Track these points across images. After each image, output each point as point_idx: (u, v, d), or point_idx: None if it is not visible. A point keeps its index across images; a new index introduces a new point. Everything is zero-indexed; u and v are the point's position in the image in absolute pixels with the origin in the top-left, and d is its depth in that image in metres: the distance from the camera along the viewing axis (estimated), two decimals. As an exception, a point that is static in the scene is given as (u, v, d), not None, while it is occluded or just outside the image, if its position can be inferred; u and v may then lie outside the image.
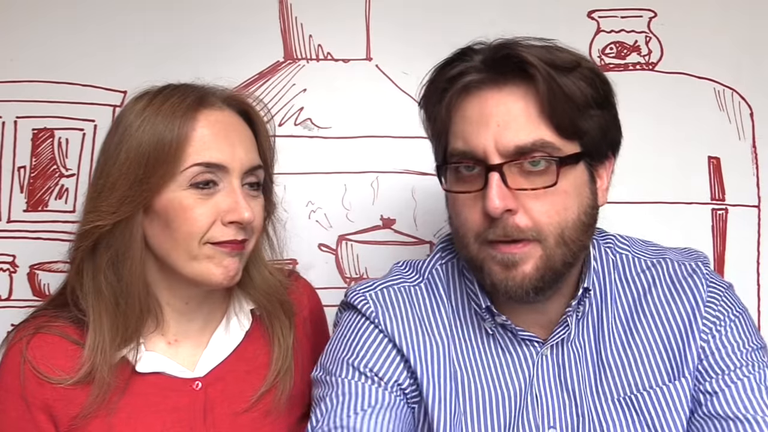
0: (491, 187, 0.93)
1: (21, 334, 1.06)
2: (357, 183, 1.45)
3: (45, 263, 1.42)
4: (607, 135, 1.01)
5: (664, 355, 1.03)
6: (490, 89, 0.97)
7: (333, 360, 1.05)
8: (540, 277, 0.97)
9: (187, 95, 1.06)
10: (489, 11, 1.45)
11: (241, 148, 1.06)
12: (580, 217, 0.98)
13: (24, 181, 1.43)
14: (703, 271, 1.07)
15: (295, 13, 1.45)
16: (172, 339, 1.12)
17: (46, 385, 1.03)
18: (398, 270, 1.13)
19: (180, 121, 1.03)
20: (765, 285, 1.44)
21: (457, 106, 0.99)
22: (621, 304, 1.07)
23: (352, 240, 1.45)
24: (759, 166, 1.44)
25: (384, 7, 1.45)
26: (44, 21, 1.44)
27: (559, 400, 1.03)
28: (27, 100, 1.44)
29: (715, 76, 1.45)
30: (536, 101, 0.95)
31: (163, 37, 1.44)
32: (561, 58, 0.96)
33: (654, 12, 1.45)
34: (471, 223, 0.98)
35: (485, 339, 1.05)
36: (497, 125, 0.95)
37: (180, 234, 1.03)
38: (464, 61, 0.99)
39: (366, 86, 1.45)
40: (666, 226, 1.44)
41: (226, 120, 1.07)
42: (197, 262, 1.05)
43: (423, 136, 1.44)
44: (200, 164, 1.03)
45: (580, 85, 0.96)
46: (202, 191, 1.04)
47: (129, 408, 1.06)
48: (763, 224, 1.45)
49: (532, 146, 0.94)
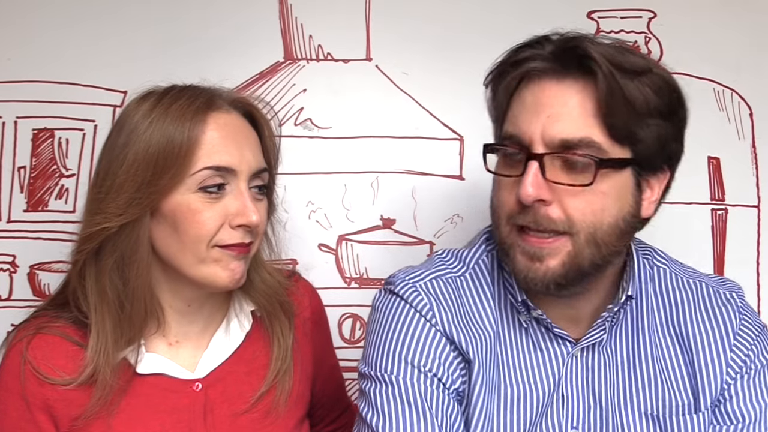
0: (527, 175, 0.93)
1: (21, 335, 1.06)
2: (357, 183, 1.45)
3: (45, 263, 1.42)
4: (666, 147, 0.98)
5: (691, 381, 1.03)
6: (550, 79, 0.96)
7: (386, 355, 1.01)
8: (564, 273, 0.96)
9: (196, 97, 1.05)
10: (489, 11, 1.45)
11: (248, 151, 1.06)
12: (617, 221, 0.97)
13: (24, 181, 1.43)
14: (738, 304, 1.08)
15: (295, 13, 1.46)
16: (173, 340, 1.11)
17: (46, 385, 1.03)
18: (440, 259, 1.09)
19: (190, 124, 1.02)
20: (765, 285, 1.44)
21: (516, 90, 0.99)
22: (656, 317, 1.06)
23: (352, 240, 1.45)
24: (759, 166, 1.45)
25: (384, 7, 1.45)
26: (44, 21, 1.44)
27: (584, 403, 1.02)
28: (27, 100, 1.43)
29: (715, 76, 1.45)
30: (593, 99, 0.93)
31: (163, 37, 1.44)
32: (630, 61, 0.94)
33: (654, 12, 1.45)
34: (505, 205, 0.98)
35: (519, 333, 1.04)
36: (548, 116, 0.94)
37: (188, 237, 1.03)
38: (535, 48, 0.99)
39: (366, 86, 1.45)
40: (666, 226, 1.43)
41: (233, 123, 1.07)
42: (204, 265, 1.04)
43: (423, 136, 1.45)
44: (210, 168, 1.02)
45: (645, 91, 0.93)
46: (210, 195, 1.03)
47: (129, 409, 1.06)
48: (762, 224, 1.45)
49: (578, 143, 0.93)
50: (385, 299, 1.06)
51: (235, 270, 1.06)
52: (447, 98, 1.45)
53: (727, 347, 1.04)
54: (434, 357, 1.00)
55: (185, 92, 1.06)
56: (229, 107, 1.08)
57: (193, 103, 1.04)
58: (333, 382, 1.30)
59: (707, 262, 1.44)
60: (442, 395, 0.98)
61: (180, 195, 1.02)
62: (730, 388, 1.03)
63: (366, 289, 1.44)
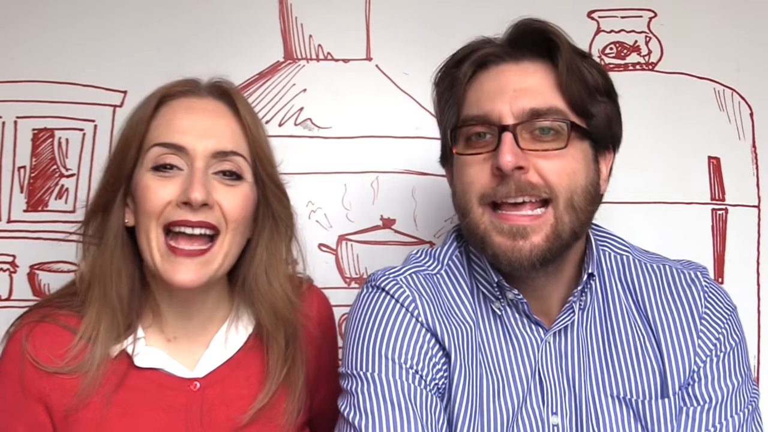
0: (504, 144, 0.96)
1: (24, 322, 1.07)
2: (357, 183, 1.45)
3: (45, 263, 1.42)
4: (611, 126, 1.05)
5: (659, 365, 1.03)
6: (508, 63, 1.02)
7: (366, 353, 1.01)
8: (548, 248, 0.98)
9: (172, 85, 1.08)
10: (489, 11, 1.45)
11: (211, 132, 1.05)
12: (587, 186, 1.00)
13: (24, 181, 1.43)
14: (702, 283, 1.08)
15: (295, 13, 1.46)
16: (171, 336, 1.11)
17: (42, 374, 1.04)
18: (416, 258, 1.11)
19: (149, 105, 1.06)
20: (765, 285, 1.44)
21: (473, 79, 1.03)
22: (623, 303, 1.07)
23: (352, 240, 1.45)
24: (759, 166, 1.45)
25: (384, 7, 1.45)
26: (44, 21, 1.44)
27: (560, 388, 1.03)
28: (27, 100, 1.44)
29: (715, 76, 1.45)
30: (553, 76, 1.00)
31: (164, 38, 1.44)
32: (575, 46, 1.02)
33: (654, 12, 1.45)
34: (477, 184, 1.00)
35: (494, 322, 1.05)
36: (513, 91, 0.99)
37: (142, 217, 1.04)
38: (481, 42, 1.05)
39: (366, 86, 1.45)
40: (666, 226, 1.44)
41: (201, 106, 1.08)
42: (155, 256, 1.04)
43: (423, 136, 1.45)
44: (159, 144, 1.04)
45: (592, 71, 1.02)
46: (162, 173, 1.04)
47: (125, 403, 1.06)
48: (763, 224, 1.45)
49: (547, 111, 0.99)
50: (367, 294, 1.07)
51: (183, 278, 1.03)
52: (447, 98, 1.45)
53: (694, 332, 1.04)
54: (415, 352, 1.00)
55: (170, 82, 1.09)
56: (205, 93, 1.09)
57: (161, 90, 1.08)
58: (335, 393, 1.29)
59: (707, 262, 1.43)
60: (423, 391, 0.99)
61: (139, 174, 1.05)
62: (699, 371, 1.03)
63: (366, 289, 1.44)
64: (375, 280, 1.06)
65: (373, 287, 1.06)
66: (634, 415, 1.02)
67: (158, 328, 1.11)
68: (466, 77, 1.03)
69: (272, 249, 1.14)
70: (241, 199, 1.07)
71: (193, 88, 1.10)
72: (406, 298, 1.03)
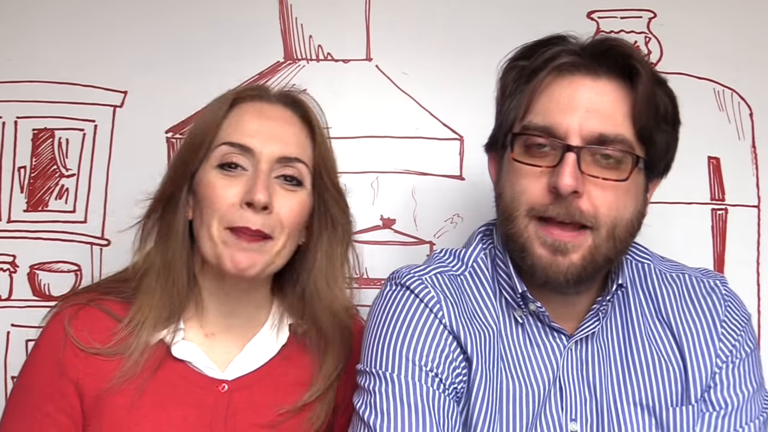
0: (566, 165, 0.95)
1: (68, 303, 1.09)
2: (357, 183, 1.44)
3: (45, 263, 1.42)
4: (668, 153, 1.04)
5: (681, 372, 1.04)
6: (584, 76, 0.99)
7: (386, 352, 1.00)
8: (583, 268, 0.98)
9: (244, 89, 1.13)
10: (489, 11, 1.45)
11: (278, 138, 1.08)
12: (632, 218, 1.00)
13: (24, 181, 1.43)
14: (722, 291, 1.09)
15: (295, 13, 1.46)
16: (210, 332, 1.12)
17: (81, 357, 1.05)
18: (440, 258, 1.10)
19: (221, 106, 1.09)
20: (765, 285, 1.44)
21: (546, 84, 1.00)
22: (645, 310, 1.07)
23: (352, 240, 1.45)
24: (759, 166, 1.44)
25: (384, 7, 1.45)
26: (44, 21, 1.44)
27: (581, 395, 1.03)
28: (27, 100, 1.44)
29: (715, 76, 1.45)
30: (628, 100, 0.98)
31: (163, 38, 1.44)
32: (654, 70, 1.01)
33: (653, 12, 1.45)
34: (528, 196, 0.98)
35: (516, 329, 1.04)
36: (586, 110, 0.97)
37: (205, 212, 1.06)
38: (559, 45, 1.01)
39: (366, 86, 1.45)
40: (666, 226, 1.43)
41: (271, 112, 1.11)
42: (215, 245, 1.06)
43: (423, 136, 1.45)
44: (227, 143, 1.07)
45: (664, 99, 1.01)
46: (227, 172, 1.07)
47: (156, 392, 1.07)
48: (763, 224, 1.45)
49: (614, 139, 0.97)
50: (392, 291, 1.05)
51: (240, 260, 1.05)
52: (447, 98, 1.45)
53: (715, 337, 1.05)
54: (436, 354, 0.99)
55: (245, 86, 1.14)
56: (276, 101, 1.12)
57: (233, 92, 1.11)
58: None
59: (707, 262, 1.43)
60: (441, 395, 0.98)
61: (204, 171, 1.08)
62: (715, 376, 1.04)
63: (366, 289, 1.44)
64: (400, 278, 1.05)
65: (398, 285, 1.05)
66: (656, 423, 1.02)
67: (198, 322, 1.12)
68: (540, 85, 1.00)
69: (331, 254, 1.15)
70: (299, 205, 1.10)
71: (264, 94, 1.13)
72: (431, 298, 1.02)
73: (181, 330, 1.10)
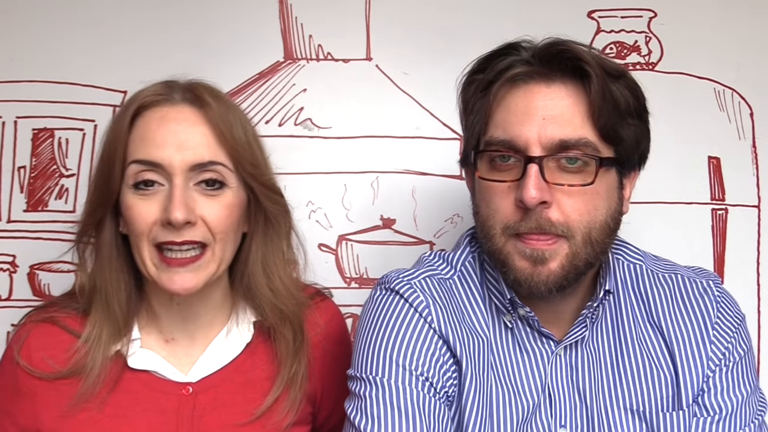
0: (529, 177, 0.94)
1: (29, 319, 1.09)
2: (357, 183, 1.45)
3: (45, 263, 1.42)
4: (640, 146, 1.02)
5: (673, 376, 1.03)
6: (538, 83, 0.98)
7: (376, 357, 0.99)
8: (564, 275, 0.97)
9: (146, 93, 1.06)
10: (489, 11, 1.45)
11: (187, 144, 1.02)
12: (607, 219, 0.99)
13: (24, 181, 1.43)
14: (715, 293, 1.08)
15: (295, 13, 1.45)
16: (169, 337, 1.11)
17: (37, 380, 1.05)
18: (429, 261, 1.10)
19: (125, 120, 1.04)
20: (765, 285, 1.43)
21: (501, 96, 0.99)
22: (636, 314, 1.07)
23: (352, 240, 1.45)
24: (759, 166, 1.44)
25: (384, 7, 1.45)
26: (44, 21, 1.44)
27: (571, 401, 1.02)
28: (27, 100, 1.43)
29: (715, 76, 1.45)
30: (585, 101, 0.96)
31: (163, 37, 1.44)
32: (610, 65, 0.99)
33: (654, 12, 1.45)
34: (501, 214, 0.98)
35: (505, 334, 1.04)
36: (543, 118, 0.96)
37: (132, 234, 1.04)
38: (512, 55, 1.00)
39: (366, 86, 1.45)
40: (666, 226, 1.43)
41: (174, 115, 1.04)
42: (147, 268, 1.04)
43: (423, 136, 1.45)
44: (136, 161, 1.03)
45: (625, 92, 0.98)
46: (143, 191, 1.02)
47: (117, 404, 1.06)
48: (763, 224, 1.44)
49: (576, 143, 0.95)
50: (381, 295, 1.05)
51: (178, 282, 1.03)
52: (447, 98, 1.44)
53: (707, 340, 1.04)
54: (426, 359, 0.99)
55: (145, 89, 1.07)
56: (180, 100, 1.05)
57: (136, 100, 1.05)
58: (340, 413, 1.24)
59: (707, 262, 1.43)
60: (432, 399, 0.98)
61: (123, 192, 1.04)
62: (708, 380, 1.03)
63: (366, 289, 1.44)
64: (389, 282, 1.05)
65: (386, 289, 1.05)
66: (647, 428, 1.01)
67: (156, 328, 1.10)
68: (495, 97, 0.99)
69: (268, 244, 1.12)
70: (225, 209, 1.05)
71: (168, 95, 1.06)
72: (420, 303, 1.02)
73: (136, 340, 1.08)
